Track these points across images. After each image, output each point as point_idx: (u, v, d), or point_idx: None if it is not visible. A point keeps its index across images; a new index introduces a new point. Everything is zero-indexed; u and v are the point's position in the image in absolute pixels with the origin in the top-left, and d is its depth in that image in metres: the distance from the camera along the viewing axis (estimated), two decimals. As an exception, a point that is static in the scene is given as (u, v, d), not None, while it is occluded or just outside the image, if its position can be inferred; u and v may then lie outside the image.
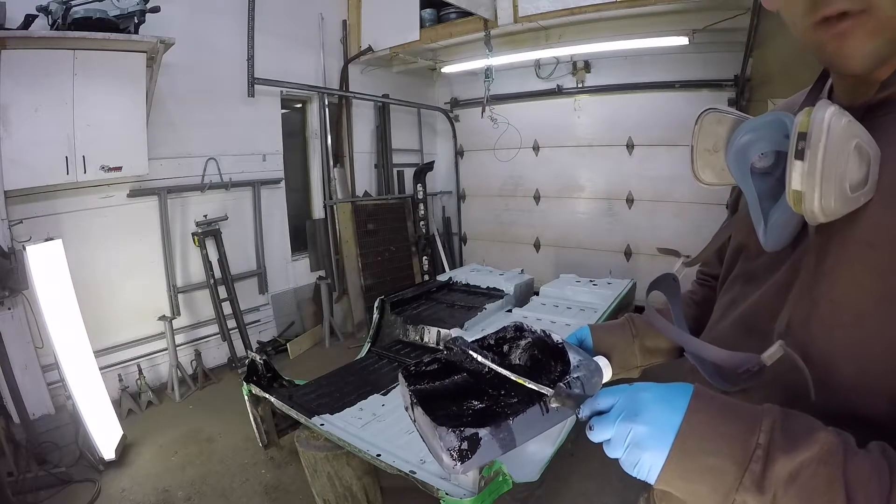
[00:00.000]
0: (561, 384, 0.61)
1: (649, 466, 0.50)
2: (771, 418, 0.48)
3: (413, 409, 0.66)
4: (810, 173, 0.49)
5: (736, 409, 0.50)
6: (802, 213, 0.52)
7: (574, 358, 0.70)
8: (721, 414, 0.50)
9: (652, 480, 0.50)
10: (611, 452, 0.53)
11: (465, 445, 0.58)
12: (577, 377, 0.66)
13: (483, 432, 0.59)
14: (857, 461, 0.45)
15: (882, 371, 0.50)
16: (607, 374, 0.76)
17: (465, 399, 0.66)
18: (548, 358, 0.74)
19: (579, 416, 0.57)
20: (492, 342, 0.77)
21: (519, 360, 0.75)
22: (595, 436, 0.54)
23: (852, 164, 0.49)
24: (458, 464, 0.58)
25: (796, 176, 0.50)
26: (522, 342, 0.75)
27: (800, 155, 0.50)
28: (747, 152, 0.59)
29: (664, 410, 0.50)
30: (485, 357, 0.69)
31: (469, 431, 0.58)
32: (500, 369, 0.65)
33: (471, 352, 0.70)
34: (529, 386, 0.61)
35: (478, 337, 0.77)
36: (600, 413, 0.55)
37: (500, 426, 0.59)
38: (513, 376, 0.63)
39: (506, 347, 0.76)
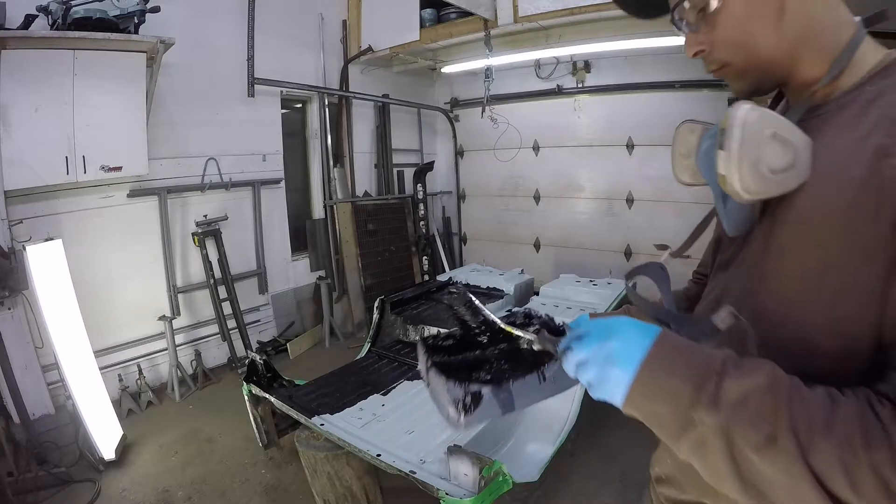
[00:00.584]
0: (544, 331, 0.68)
1: (618, 384, 0.57)
2: (727, 354, 0.56)
3: (428, 373, 0.73)
4: (728, 159, 0.59)
5: (698, 346, 0.58)
6: (730, 194, 0.62)
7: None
8: (685, 346, 0.57)
9: (619, 400, 0.57)
10: (584, 374, 0.60)
11: (468, 399, 0.65)
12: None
13: (485, 390, 0.66)
14: (801, 392, 0.51)
15: (821, 331, 0.59)
16: None
17: (474, 371, 0.73)
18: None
19: (559, 348, 0.63)
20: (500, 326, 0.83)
21: (526, 344, 0.80)
22: (572, 356, 0.60)
23: (771, 149, 0.58)
24: (462, 416, 0.65)
25: (721, 163, 0.60)
26: (532, 325, 0.80)
27: (721, 146, 0.60)
28: (710, 154, 0.67)
29: (637, 334, 0.58)
30: (482, 306, 0.75)
31: (474, 387, 0.66)
32: (491, 316, 0.72)
33: (471, 296, 0.78)
34: (516, 333, 0.70)
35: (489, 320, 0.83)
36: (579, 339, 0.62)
37: (501, 387, 0.66)
38: (503, 325, 0.71)
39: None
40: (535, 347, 0.68)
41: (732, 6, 0.65)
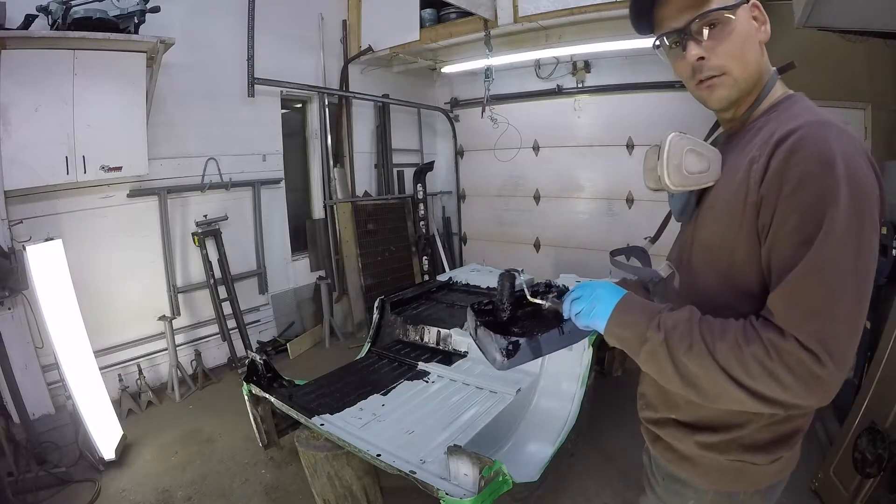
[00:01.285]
0: (552, 296, 1.05)
1: (601, 315, 0.90)
2: (666, 305, 0.89)
3: (476, 331, 1.06)
4: (661, 164, 0.92)
5: (645, 301, 0.93)
6: (664, 187, 0.95)
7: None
8: (640, 300, 0.91)
9: (601, 326, 0.91)
10: (580, 317, 0.93)
11: (510, 347, 0.94)
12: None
13: (522, 341, 0.95)
14: (708, 320, 0.81)
15: (725, 278, 0.88)
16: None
17: (511, 327, 1.06)
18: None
19: (563, 301, 0.98)
20: (528, 293, 1.11)
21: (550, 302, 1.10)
22: (574, 307, 0.94)
23: (689, 159, 0.92)
24: (506, 359, 0.95)
25: (659, 167, 0.93)
26: (552, 291, 1.11)
27: (658, 156, 0.94)
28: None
29: (613, 290, 0.93)
30: (521, 280, 1.07)
31: (513, 339, 0.95)
32: (524, 287, 1.06)
33: (515, 273, 1.08)
34: (536, 301, 1.05)
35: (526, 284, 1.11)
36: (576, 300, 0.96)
37: (533, 338, 0.96)
38: (531, 297, 1.05)
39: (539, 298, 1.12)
40: (547, 306, 1.03)
41: (739, 26, 0.87)
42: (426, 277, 5.58)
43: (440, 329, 3.28)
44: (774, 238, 0.78)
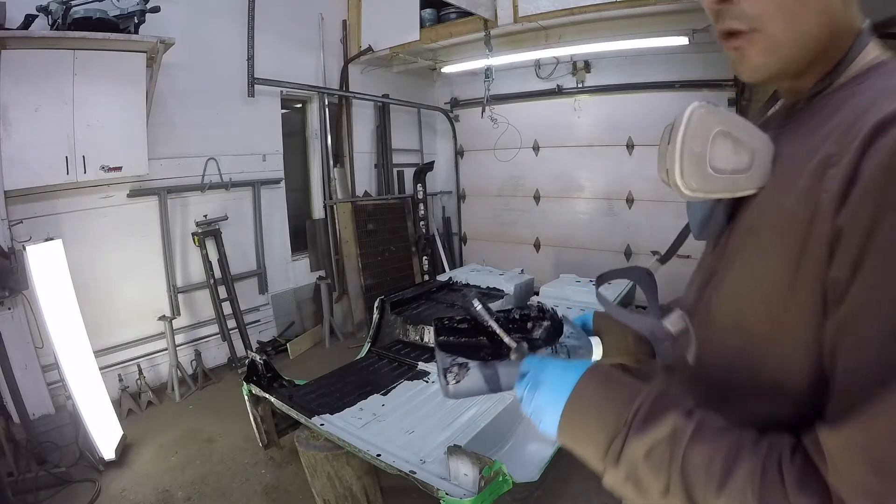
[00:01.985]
0: (521, 343, 0.72)
1: (548, 429, 0.62)
2: (640, 400, 0.56)
3: (436, 351, 0.80)
4: (671, 153, 0.58)
5: (613, 392, 0.59)
6: (673, 189, 0.59)
7: (567, 330, 0.84)
8: (601, 394, 0.59)
9: (553, 440, 0.64)
10: (525, 409, 0.65)
11: (456, 369, 0.72)
12: (564, 344, 0.80)
13: (472, 363, 0.72)
14: (703, 441, 0.51)
15: (761, 347, 0.55)
16: (597, 352, 0.86)
17: (474, 351, 0.79)
18: (558, 332, 0.86)
19: (518, 370, 0.69)
20: (517, 316, 0.88)
21: (537, 332, 0.88)
22: (517, 387, 0.67)
23: (718, 148, 0.57)
24: (448, 384, 0.71)
25: (667, 156, 0.59)
26: (545, 318, 0.88)
27: (669, 140, 0.59)
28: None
29: (556, 388, 0.61)
30: (484, 309, 0.79)
31: (460, 359, 0.72)
32: (486, 317, 0.76)
33: (474, 302, 0.81)
34: (503, 338, 0.73)
35: (506, 308, 0.89)
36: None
37: (488, 364, 0.72)
38: (494, 326, 0.75)
39: (529, 325, 0.89)
40: (512, 356, 0.71)
41: None
42: (426, 277, 5.58)
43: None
44: (855, 313, 0.44)
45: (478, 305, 0.77)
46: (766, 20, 0.55)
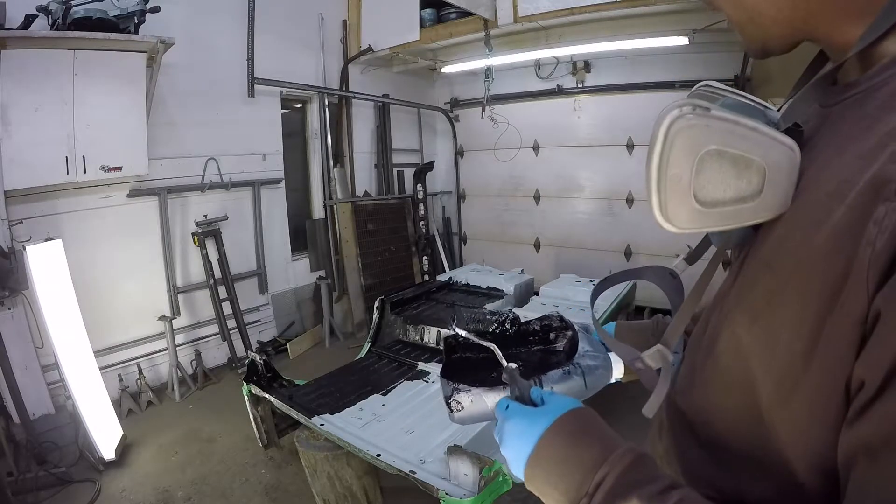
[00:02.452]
0: (511, 365, 0.63)
1: (513, 459, 0.55)
2: (606, 469, 0.47)
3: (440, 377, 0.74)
4: (648, 179, 0.44)
5: (580, 451, 0.50)
6: (656, 220, 0.46)
7: (582, 348, 0.75)
8: (566, 453, 0.51)
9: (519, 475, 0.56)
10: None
11: (458, 396, 0.66)
12: (579, 364, 0.71)
13: (475, 390, 0.65)
14: None
15: (757, 420, 0.44)
16: (617, 371, 0.79)
17: (493, 369, 0.72)
18: (573, 349, 0.79)
19: (498, 404, 0.63)
20: (537, 328, 0.82)
21: (561, 344, 0.81)
22: (498, 430, 0.59)
23: (710, 174, 0.43)
24: (452, 412, 0.66)
25: (647, 184, 0.45)
26: (567, 329, 0.81)
27: (649, 160, 0.45)
28: None
29: (520, 440, 0.54)
30: (476, 335, 0.74)
31: (463, 386, 0.65)
32: (479, 340, 0.71)
33: (455, 328, 0.76)
34: (498, 357, 0.66)
35: (524, 319, 0.83)
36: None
37: (494, 389, 0.65)
38: (489, 345, 0.68)
39: (552, 335, 0.82)
40: (504, 378, 0.64)
41: None
42: (426, 277, 5.58)
43: (440, 329, 3.28)
44: (885, 438, 0.33)
45: (463, 332, 0.72)
46: None
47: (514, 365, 0.64)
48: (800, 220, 0.42)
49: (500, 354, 0.66)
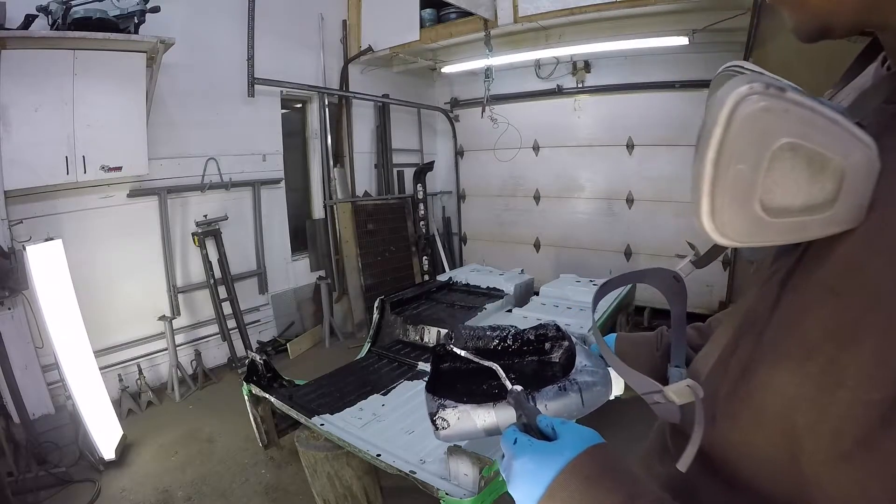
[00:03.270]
0: (516, 388, 0.59)
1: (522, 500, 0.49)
2: None
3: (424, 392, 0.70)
4: (697, 176, 0.36)
5: (596, 499, 0.45)
6: (699, 231, 0.38)
7: (580, 362, 0.70)
8: (580, 499, 0.45)
9: None
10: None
11: (443, 413, 0.60)
12: (575, 380, 0.66)
13: (461, 407, 0.60)
14: None
15: (812, 487, 0.38)
16: (616, 388, 0.74)
17: (485, 381, 0.68)
18: (571, 362, 0.75)
19: (504, 435, 0.57)
20: (531, 337, 0.78)
21: (556, 355, 0.77)
22: (504, 465, 0.53)
23: (782, 174, 0.34)
24: (435, 430, 0.60)
25: (694, 182, 0.38)
26: (564, 339, 0.76)
27: (700, 156, 0.37)
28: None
29: (529, 484, 0.48)
30: (476, 353, 0.70)
31: (450, 402, 0.60)
32: (474, 358, 0.67)
33: (453, 347, 0.72)
34: (502, 379, 0.62)
35: (522, 328, 0.79)
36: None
37: (482, 406, 0.60)
38: (490, 365, 0.65)
39: (547, 345, 0.78)
40: (509, 400, 0.59)
41: None
42: (426, 277, 5.58)
43: (440, 329, 3.28)
44: None
45: (461, 352, 0.67)
46: None
47: (519, 388, 0.58)
48: (882, 243, 0.34)
49: (504, 376, 0.61)
